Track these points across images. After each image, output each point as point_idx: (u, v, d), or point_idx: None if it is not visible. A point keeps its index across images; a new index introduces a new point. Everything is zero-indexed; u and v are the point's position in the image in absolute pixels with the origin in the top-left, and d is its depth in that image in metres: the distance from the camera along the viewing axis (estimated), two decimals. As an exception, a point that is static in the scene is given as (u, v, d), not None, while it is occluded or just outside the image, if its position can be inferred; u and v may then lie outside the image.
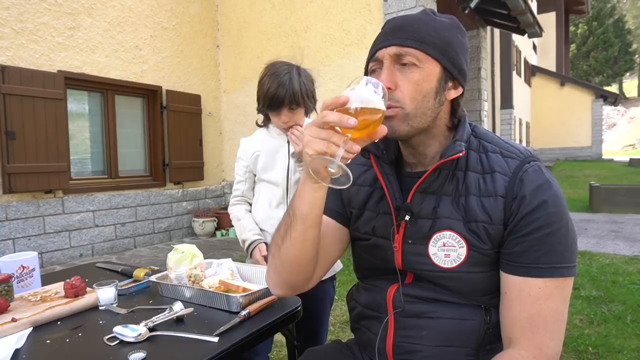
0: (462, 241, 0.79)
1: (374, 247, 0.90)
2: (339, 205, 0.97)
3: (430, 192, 0.83)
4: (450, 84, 0.83)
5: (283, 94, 1.45)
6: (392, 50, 0.79)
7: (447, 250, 0.81)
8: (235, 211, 1.65)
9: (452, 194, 0.82)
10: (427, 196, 0.83)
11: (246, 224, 1.59)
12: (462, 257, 0.80)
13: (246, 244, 1.55)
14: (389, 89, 0.75)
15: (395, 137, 0.81)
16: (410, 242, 0.84)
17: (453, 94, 0.84)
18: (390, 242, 0.86)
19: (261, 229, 1.59)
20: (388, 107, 0.74)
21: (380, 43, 0.82)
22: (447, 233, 0.80)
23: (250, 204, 1.67)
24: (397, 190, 0.86)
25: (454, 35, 0.82)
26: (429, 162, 0.86)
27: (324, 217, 0.94)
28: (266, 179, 1.58)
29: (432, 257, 0.82)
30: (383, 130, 0.68)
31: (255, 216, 1.62)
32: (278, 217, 1.49)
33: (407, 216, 0.83)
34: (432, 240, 0.82)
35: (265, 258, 1.47)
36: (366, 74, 0.85)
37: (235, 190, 1.68)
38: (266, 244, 1.53)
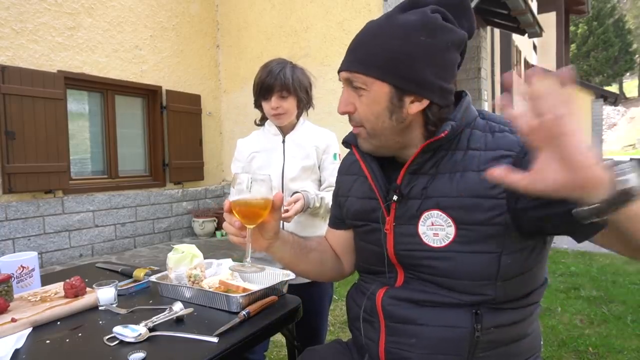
0: (450, 220, 0.78)
1: (368, 232, 0.92)
2: (338, 212, 1.05)
3: (423, 173, 0.82)
4: (407, 99, 0.78)
5: (273, 81, 1.49)
6: (344, 75, 0.82)
7: (436, 229, 0.80)
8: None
9: (448, 171, 0.80)
10: (419, 177, 0.83)
11: None
12: (451, 236, 0.78)
13: None
14: (349, 112, 0.82)
15: (365, 151, 0.86)
16: (400, 223, 0.84)
17: (416, 107, 0.79)
18: (381, 225, 0.87)
19: None
20: (354, 126, 0.84)
21: (342, 64, 0.83)
22: (435, 212, 0.80)
23: None
24: (379, 175, 0.87)
25: (411, 43, 0.75)
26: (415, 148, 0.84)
27: (331, 229, 1.08)
28: None
29: (422, 237, 0.81)
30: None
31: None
32: None
33: (395, 197, 0.84)
34: (421, 219, 0.81)
35: None
36: None
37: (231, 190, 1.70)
38: None
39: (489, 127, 0.82)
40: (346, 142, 0.95)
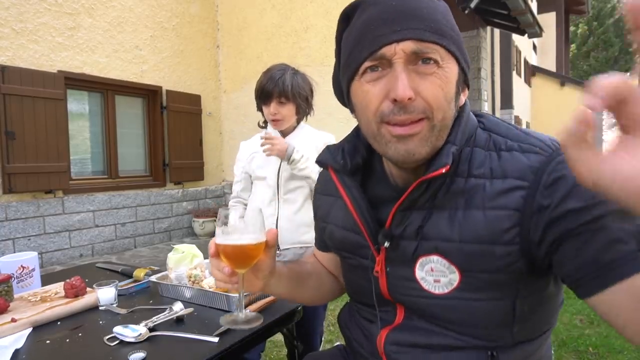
0: (453, 267, 0.65)
1: (356, 267, 0.79)
2: (320, 236, 0.93)
3: (417, 208, 0.67)
4: (462, 87, 0.67)
5: (272, 87, 1.53)
6: (409, 46, 0.60)
7: (436, 275, 0.67)
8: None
9: (448, 206, 0.65)
10: (412, 212, 0.68)
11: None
12: (455, 283, 0.66)
13: None
14: (411, 98, 0.59)
15: (411, 161, 0.64)
16: (393, 265, 0.72)
17: (463, 99, 0.68)
18: (371, 262, 0.74)
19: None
20: (409, 123, 0.61)
21: (385, 35, 0.60)
22: (435, 258, 0.66)
23: (246, 205, 1.73)
24: (364, 206, 0.72)
25: (455, 24, 0.66)
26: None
27: (317, 251, 0.98)
28: (260, 175, 1.64)
29: (421, 282, 0.68)
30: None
31: (247, 214, 1.68)
32: (268, 215, 1.58)
33: (386, 242, 0.69)
34: (418, 264, 0.68)
35: None
36: (353, 75, 0.65)
37: (232, 191, 1.77)
38: None
39: (493, 144, 0.66)
40: (321, 163, 0.80)
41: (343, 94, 0.73)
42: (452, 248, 0.64)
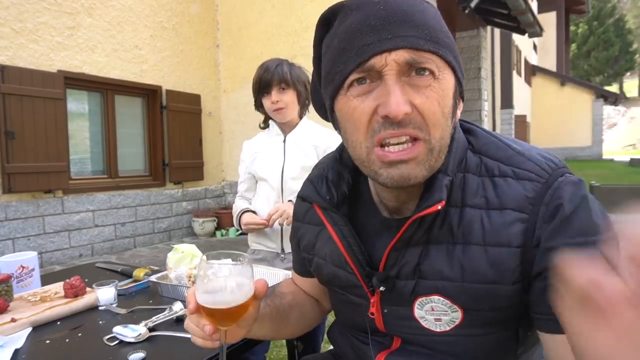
0: (455, 306, 0.62)
1: (349, 304, 0.74)
2: (301, 261, 0.87)
3: (413, 244, 0.62)
4: (457, 100, 0.62)
5: (270, 76, 1.51)
6: (402, 55, 0.54)
7: (437, 314, 0.63)
8: (234, 205, 1.74)
9: (445, 240, 0.61)
10: (408, 249, 0.63)
11: (238, 204, 1.69)
12: (457, 321, 0.62)
13: (237, 216, 1.62)
14: (405, 114, 0.54)
15: (407, 185, 0.58)
16: (389, 305, 0.67)
17: (458, 113, 0.64)
18: (364, 301, 0.70)
19: None
20: (403, 143, 0.56)
21: (373, 44, 0.54)
22: (435, 298, 0.62)
23: (250, 203, 1.72)
24: (356, 247, 0.66)
25: (448, 29, 0.61)
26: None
27: (297, 276, 0.91)
28: (263, 176, 1.63)
29: (420, 321, 0.65)
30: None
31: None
32: None
33: (381, 287, 0.65)
34: (417, 303, 0.64)
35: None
36: (338, 89, 0.60)
37: (238, 191, 1.78)
38: (254, 212, 1.61)
39: (485, 169, 0.62)
40: (304, 199, 0.74)
41: (324, 108, 0.67)
42: (454, 288, 0.61)
